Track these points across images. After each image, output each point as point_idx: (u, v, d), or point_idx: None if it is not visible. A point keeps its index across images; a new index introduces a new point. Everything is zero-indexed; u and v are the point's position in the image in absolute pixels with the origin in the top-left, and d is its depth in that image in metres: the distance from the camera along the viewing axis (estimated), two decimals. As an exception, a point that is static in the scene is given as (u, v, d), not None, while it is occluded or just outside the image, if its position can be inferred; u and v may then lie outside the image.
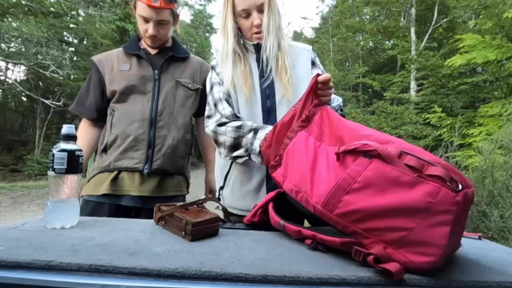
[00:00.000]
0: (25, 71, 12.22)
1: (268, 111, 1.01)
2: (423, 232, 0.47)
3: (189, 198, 1.12)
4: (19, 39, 9.76)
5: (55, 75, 9.58)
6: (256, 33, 1.01)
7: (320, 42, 16.46)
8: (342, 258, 0.54)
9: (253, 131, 0.92)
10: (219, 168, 1.11)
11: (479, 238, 0.76)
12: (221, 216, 0.73)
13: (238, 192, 1.02)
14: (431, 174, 0.48)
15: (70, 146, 0.68)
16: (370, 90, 14.34)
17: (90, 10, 11.42)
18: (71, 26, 11.88)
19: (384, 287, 0.46)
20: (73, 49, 12.98)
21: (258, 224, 0.75)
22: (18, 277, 0.46)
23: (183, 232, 0.61)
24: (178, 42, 1.39)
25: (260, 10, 0.99)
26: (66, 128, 0.69)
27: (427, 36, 10.78)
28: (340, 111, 1.04)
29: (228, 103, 0.99)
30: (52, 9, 10.50)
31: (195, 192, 1.56)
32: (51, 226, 0.65)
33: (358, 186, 0.52)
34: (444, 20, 11.13)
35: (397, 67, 12.45)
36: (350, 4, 15.09)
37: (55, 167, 0.66)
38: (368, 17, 15.15)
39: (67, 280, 0.45)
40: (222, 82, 1.02)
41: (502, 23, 5.29)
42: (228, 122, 0.96)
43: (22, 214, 5.01)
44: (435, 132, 6.89)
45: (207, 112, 1.03)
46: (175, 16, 1.28)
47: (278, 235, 0.67)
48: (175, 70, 1.31)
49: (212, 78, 1.06)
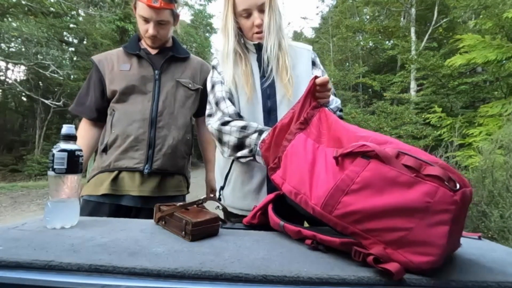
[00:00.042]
0: (25, 71, 12.23)
1: (268, 111, 1.01)
2: (422, 232, 0.47)
3: (189, 198, 1.12)
4: (19, 39, 9.76)
5: (55, 75, 9.58)
6: (257, 33, 1.01)
7: (320, 42, 16.46)
8: (342, 258, 0.54)
9: (258, 132, 0.91)
10: (219, 168, 1.11)
11: (479, 238, 0.76)
12: (221, 216, 0.73)
13: (239, 192, 1.02)
14: (429, 174, 0.48)
15: (70, 146, 0.68)
16: (370, 90, 14.35)
17: (90, 10, 11.42)
18: (71, 26, 11.88)
19: (384, 287, 0.46)
20: (73, 49, 12.98)
21: (258, 226, 0.75)
22: (18, 277, 0.46)
23: (183, 232, 0.61)
24: (178, 42, 1.39)
25: (261, 10, 0.99)
26: (66, 128, 0.69)
27: (427, 36, 10.79)
28: (339, 111, 1.05)
29: (231, 102, 1.00)
30: (52, 9, 10.50)
31: (195, 192, 1.56)
32: (51, 226, 0.65)
33: (357, 187, 0.52)
34: (444, 20, 11.13)
35: (397, 67, 12.45)
36: (350, 4, 15.10)
37: (55, 167, 0.66)
38: (368, 17, 15.16)
39: (67, 280, 0.45)
40: (224, 81, 1.02)
41: (502, 23, 5.29)
42: (232, 121, 0.96)
43: (22, 214, 5.01)
44: (435, 132, 6.89)
45: (208, 111, 1.03)
46: (175, 16, 1.28)
47: (278, 235, 0.67)
48: (175, 70, 1.31)
49: (213, 77, 1.06)
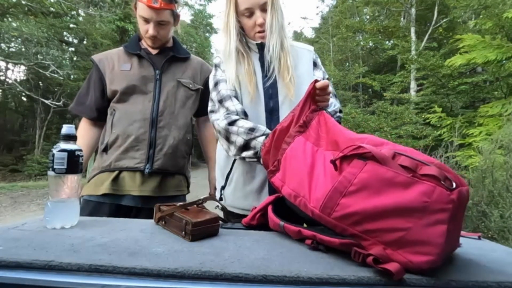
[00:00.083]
0: (25, 71, 12.23)
1: (270, 111, 1.00)
2: (420, 232, 0.47)
3: (189, 198, 1.12)
4: (19, 39, 9.76)
5: (55, 75, 9.57)
6: (259, 32, 1.01)
7: (320, 42, 16.45)
8: (342, 258, 0.54)
9: (265, 135, 0.91)
10: (219, 167, 1.11)
11: (479, 238, 0.76)
12: (221, 216, 0.73)
13: (240, 192, 1.02)
14: (425, 173, 0.48)
15: (70, 146, 0.68)
16: (370, 90, 14.34)
17: (90, 10, 11.42)
18: (71, 26, 11.87)
19: (384, 287, 0.46)
20: (73, 49, 12.97)
21: (257, 227, 0.75)
22: (18, 277, 0.46)
23: (183, 232, 0.61)
24: (178, 42, 1.39)
25: (263, 9, 0.99)
26: (66, 128, 0.69)
27: (427, 36, 10.78)
28: (339, 112, 1.05)
29: (238, 100, 1.00)
30: (52, 9, 10.49)
31: (195, 192, 1.55)
32: (51, 226, 0.65)
33: (354, 188, 0.52)
34: (444, 20, 11.12)
35: (397, 67, 12.44)
36: (350, 4, 15.09)
37: (55, 167, 0.66)
38: (368, 17, 15.16)
39: (67, 280, 0.45)
40: (228, 80, 1.02)
41: (502, 23, 5.29)
42: (238, 120, 0.95)
43: (22, 214, 5.01)
44: (435, 132, 6.89)
45: (210, 107, 1.03)
46: (176, 16, 1.28)
47: (278, 235, 0.67)
48: (176, 70, 1.31)
49: (216, 75, 1.05)
